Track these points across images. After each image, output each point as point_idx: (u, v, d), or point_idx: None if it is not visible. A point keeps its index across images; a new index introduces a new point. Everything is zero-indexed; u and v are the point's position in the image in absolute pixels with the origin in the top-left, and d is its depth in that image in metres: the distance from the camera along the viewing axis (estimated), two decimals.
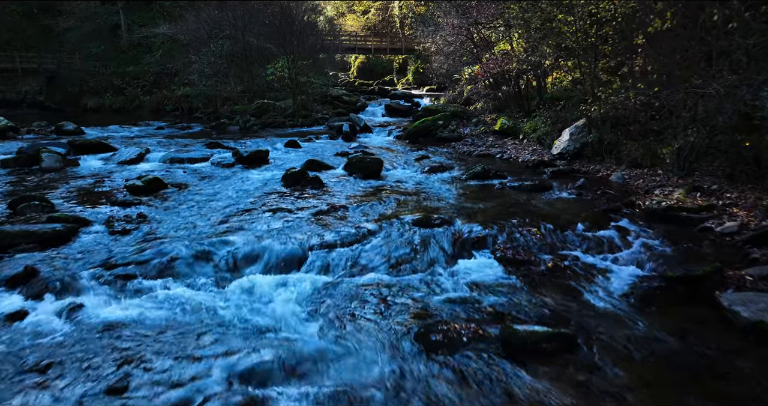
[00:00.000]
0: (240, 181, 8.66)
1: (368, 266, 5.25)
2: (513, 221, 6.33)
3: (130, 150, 10.74)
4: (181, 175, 9.20)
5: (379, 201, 7.35)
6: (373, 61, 34.83)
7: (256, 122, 15.97)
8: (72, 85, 23.14)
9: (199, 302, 4.36)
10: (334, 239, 5.74)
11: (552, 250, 5.65)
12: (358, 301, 4.43)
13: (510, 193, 7.92)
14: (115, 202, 7.07)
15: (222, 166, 9.93)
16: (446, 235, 5.95)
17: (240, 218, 6.49)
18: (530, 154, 10.54)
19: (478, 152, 11.30)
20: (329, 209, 6.91)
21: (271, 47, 19.39)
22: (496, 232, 5.99)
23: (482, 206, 7.23)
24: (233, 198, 7.54)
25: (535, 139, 11.30)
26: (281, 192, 7.95)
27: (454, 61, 19.70)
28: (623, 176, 8.37)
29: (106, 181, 8.53)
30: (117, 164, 10.11)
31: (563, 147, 9.82)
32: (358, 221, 6.39)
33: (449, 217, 6.46)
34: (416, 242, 5.79)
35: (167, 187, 8.11)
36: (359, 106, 19.46)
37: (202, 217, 6.59)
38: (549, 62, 9.56)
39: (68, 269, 4.87)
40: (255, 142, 12.68)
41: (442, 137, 13.14)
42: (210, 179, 8.85)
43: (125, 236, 5.88)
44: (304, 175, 8.44)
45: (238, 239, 5.62)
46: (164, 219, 6.48)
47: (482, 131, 13.69)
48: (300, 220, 6.42)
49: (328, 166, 9.81)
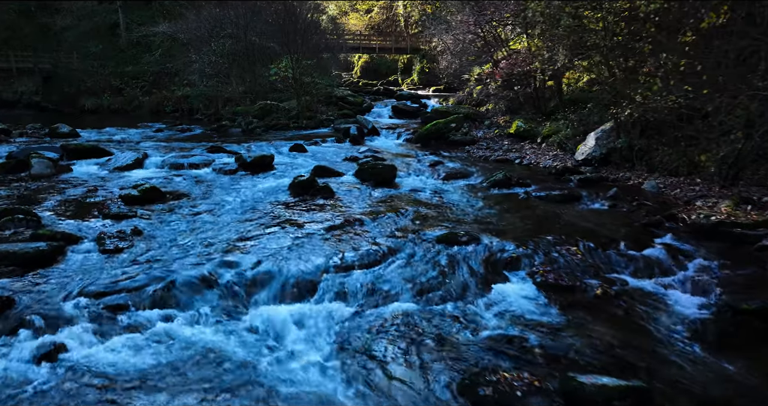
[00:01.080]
0: (244, 190, 8.04)
1: (391, 292, 4.64)
2: (547, 237, 5.72)
3: (127, 155, 10.12)
4: (180, 182, 8.58)
5: (396, 213, 6.73)
6: (377, 61, 34.17)
7: (258, 124, 15.34)
8: (69, 86, 22.50)
9: (200, 343, 3.74)
10: (351, 260, 5.13)
11: (596, 273, 5.04)
12: (385, 341, 3.81)
13: (537, 204, 7.30)
14: (108, 214, 6.45)
15: (224, 172, 9.31)
16: (475, 254, 5.34)
17: (245, 234, 5.87)
18: (552, 160, 9.92)
19: (496, 157, 10.68)
20: (343, 223, 6.28)
21: (274, 46, 18.76)
22: (531, 251, 5.37)
23: (509, 219, 6.61)
24: (237, 210, 6.92)
25: (556, 143, 10.67)
26: (289, 203, 7.33)
27: (463, 61, 19.10)
28: (658, 185, 7.75)
29: (99, 190, 7.91)
30: (112, 170, 9.49)
31: (588, 153, 9.20)
32: (375, 238, 5.77)
33: (476, 232, 5.85)
34: (443, 262, 5.18)
35: (165, 197, 7.49)
36: (365, 108, 18.82)
37: (203, 232, 5.98)
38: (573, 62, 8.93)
39: (50, 299, 4.26)
40: (258, 146, 12.06)
41: (455, 140, 12.52)
42: (211, 188, 8.23)
43: (118, 255, 5.26)
44: (313, 183, 7.82)
45: (244, 260, 5.01)
46: (161, 235, 5.86)
47: (496, 134, 13.06)
48: (312, 236, 5.80)
49: (338, 172, 9.19)
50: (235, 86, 18.60)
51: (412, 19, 32.20)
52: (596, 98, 11.19)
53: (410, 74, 30.97)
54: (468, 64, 19.72)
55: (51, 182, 8.38)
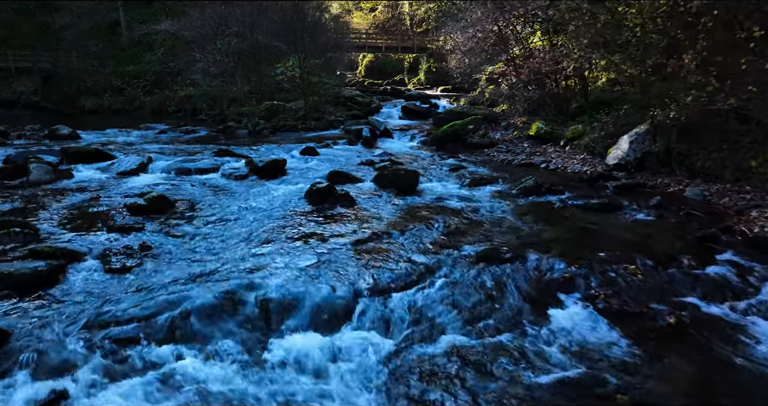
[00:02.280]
0: (257, 198, 7.50)
1: (437, 321, 4.10)
2: (598, 253, 5.19)
3: (131, 159, 9.58)
4: (188, 189, 8.04)
5: (425, 225, 6.20)
6: (382, 60, 33.60)
7: (266, 126, 14.80)
8: (69, 85, 21.94)
9: (221, 387, 3.21)
10: (386, 281, 4.60)
11: (662, 296, 4.50)
12: (439, 385, 3.28)
13: (576, 214, 6.76)
14: (112, 227, 5.91)
15: (234, 178, 8.77)
16: (522, 273, 4.81)
17: (264, 249, 5.34)
18: (580, 165, 9.38)
19: (519, 161, 10.13)
20: (370, 236, 5.75)
21: (281, 45, 18.22)
22: (585, 270, 4.84)
23: (550, 231, 6.07)
24: (252, 220, 6.38)
25: (582, 146, 10.13)
26: (307, 212, 6.80)
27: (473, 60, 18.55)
28: (702, 193, 7.22)
29: (103, 198, 7.37)
30: (116, 176, 8.95)
31: (622, 157, 8.67)
32: (409, 254, 5.24)
33: (518, 247, 5.33)
34: (488, 283, 4.65)
35: (174, 205, 6.95)
36: (373, 108, 18.29)
37: (218, 246, 5.44)
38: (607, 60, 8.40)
39: (50, 331, 3.72)
40: (268, 149, 11.52)
41: (473, 143, 11.98)
42: (222, 195, 7.70)
43: (125, 275, 4.72)
44: (331, 191, 7.28)
45: (266, 281, 4.48)
46: (172, 250, 5.33)
47: (515, 136, 12.52)
48: (338, 251, 5.27)
49: (355, 178, 8.65)
50: (240, 86, 18.07)
51: (417, 18, 31.68)
52: (622, 99, 10.68)
53: (417, 74, 30.42)
54: (479, 63, 19.19)
55: (50, 189, 7.84)
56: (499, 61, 16.98)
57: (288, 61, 17.19)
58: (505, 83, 17.37)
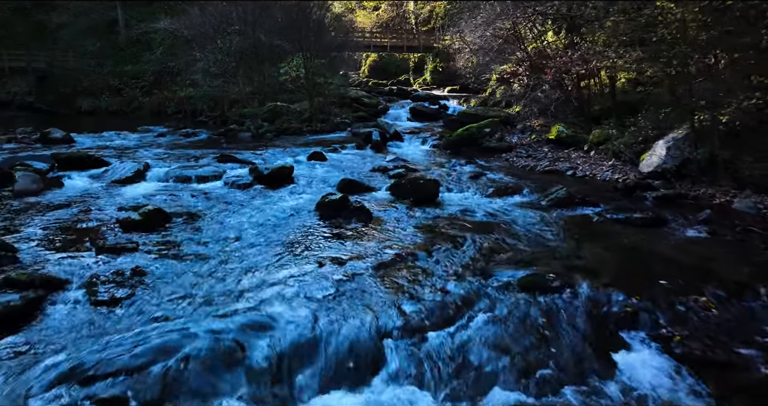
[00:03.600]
0: (263, 211, 6.83)
1: (484, 370, 3.43)
2: (658, 281, 4.52)
3: (126, 166, 8.90)
4: (188, 200, 7.36)
5: (452, 243, 5.53)
6: (386, 60, 32.89)
7: (269, 128, 14.12)
8: (64, 86, 21.26)
9: None
10: (418, 317, 3.94)
11: (748, 337, 3.82)
12: None
13: (617, 230, 6.09)
14: (102, 247, 5.24)
15: (238, 186, 8.10)
16: (575, 307, 4.14)
17: (273, 275, 4.67)
18: (611, 172, 8.71)
19: (543, 168, 9.46)
20: (393, 258, 5.08)
21: (284, 44, 17.55)
22: (646, 302, 4.17)
23: (595, 251, 5.40)
24: (258, 238, 5.71)
25: (610, 152, 9.45)
26: (320, 228, 6.13)
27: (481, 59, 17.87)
28: (755, 205, 6.55)
29: (93, 211, 6.69)
30: (109, 184, 8.28)
31: (657, 164, 7.99)
32: (440, 281, 4.57)
33: (563, 273, 4.65)
34: (537, 320, 3.98)
35: (171, 220, 6.28)
36: (380, 109, 17.62)
37: (220, 272, 4.77)
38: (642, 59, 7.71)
39: (20, 387, 3.05)
40: (273, 154, 10.85)
41: (490, 147, 11.31)
42: (225, 207, 7.02)
43: (113, 309, 4.06)
44: (345, 203, 6.61)
45: (276, 318, 3.81)
46: (168, 276, 4.65)
47: (534, 140, 11.85)
48: (358, 277, 4.60)
49: (369, 187, 7.99)
50: (242, 86, 17.38)
51: (422, 17, 31.01)
52: (648, 101, 10.01)
53: (422, 73, 29.73)
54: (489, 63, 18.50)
55: (37, 201, 7.17)
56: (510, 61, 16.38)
57: (292, 61, 16.52)
58: (518, 84, 16.75)
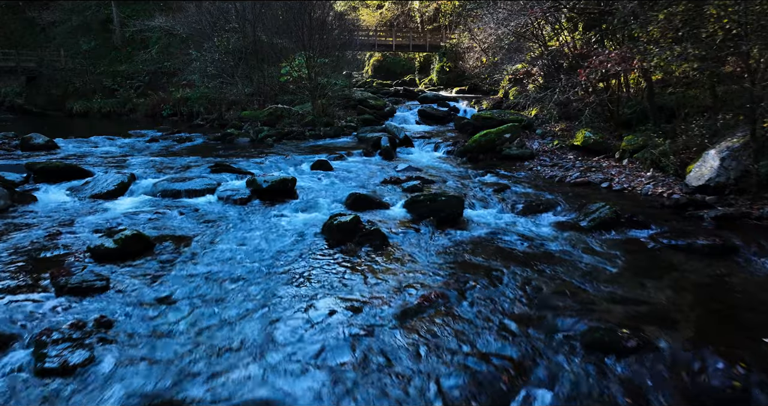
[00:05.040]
0: (261, 234, 5.88)
1: None
2: (758, 337, 3.57)
3: (110, 177, 7.96)
4: (175, 220, 6.42)
5: (488, 279, 4.59)
6: (391, 60, 31.93)
7: (269, 133, 13.17)
8: (56, 87, 20.35)
9: None
10: (462, 394, 3.00)
11: None
12: None
13: (681, 261, 5.15)
14: (64, 286, 4.30)
15: (233, 202, 7.17)
16: (663, 379, 3.21)
17: (273, 328, 3.73)
18: (652, 185, 7.75)
19: (573, 179, 8.50)
20: (420, 302, 4.14)
21: (285, 43, 16.63)
22: (761, 375, 3.21)
23: (664, 291, 4.45)
24: (255, 275, 4.77)
25: (648, 161, 8.49)
26: (327, 257, 5.19)
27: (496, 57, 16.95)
28: None
29: (63, 235, 5.75)
30: (89, 199, 7.34)
31: (709, 176, 7.04)
32: (482, 336, 3.64)
33: (633, 324, 3.72)
34: (618, 399, 3.03)
35: (153, 247, 5.34)
36: (387, 112, 16.66)
37: (206, 323, 3.83)
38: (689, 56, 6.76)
39: None
40: (273, 162, 9.91)
41: (511, 155, 10.35)
42: (217, 229, 6.08)
43: (64, 382, 3.12)
44: (356, 226, 5.67)
45: (281, 401, 2.88)
46: (141, 331, 3.71)
47: (557, 146, 10.88)
48: (380, 331, 3.67)
49: (382, 203, 7.05)
50: (241, 87, 16.46)
51: (428, 15, 30.05)
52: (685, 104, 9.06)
53: (428, 74, 28.75)
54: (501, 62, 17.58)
55: (1, 221, 6.23)
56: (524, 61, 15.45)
57: (293, 61, 15.59)
58: (532, 84, 15.81)
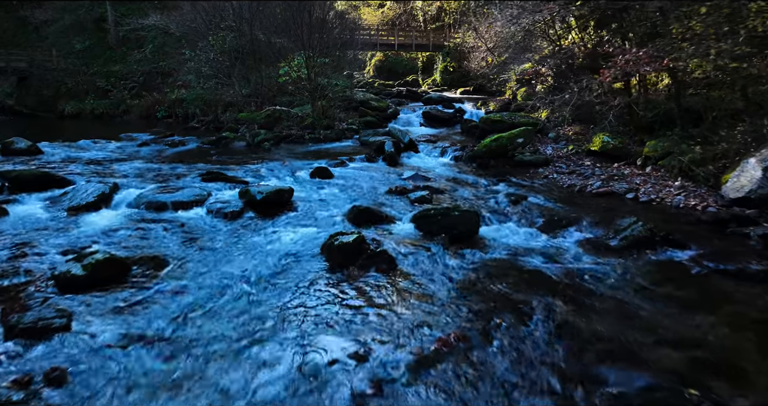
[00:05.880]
0: (253, 255, 5.22)
1: None
2: None
3: (90, 188, 7.30)
4: (158, 237, 5.77)
5: (515, 314, 3.94)
6: (393, 59, 31.26)
7: (267, 136, 12.51)
8: (47, 87, 19.70)
9: None
10: None
11: None
12: None
13: (733, 290, 4.49)
14: (15, 326, 3.64)
15: (224, 216, 6.50)
16: None
17: (259, 388, 3.08)
18: (683, 195, 7.09)
19: (595, 189, 7.83)
20: (438, 348, 3.49)
21: (283, 42, 15.99)
22: None
23: (722, 330, 3.80)
24: (243, 307, 4.11)
25: (675, 169, 7.84)
26: (326, 285, 4.54)
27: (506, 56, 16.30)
28: None
29: (29, 257, 5.10)
30: (65, 212, 6.68)
31: (750, 188, 6.38)
32: (514, 395, 2.98)
33: (700, 379, 3.07)
34: None
35: (129, 272, 4.69)
36: (390, 114, 16.00)
37: (182, 372, 3.18)
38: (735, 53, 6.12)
39: None
40: (269, 169, 9.25)
41: (524, 161, 9.69)
42: (204, 249, 5.42)
43: None
44: (359, 247, 5.02)
45: None
46: (100, 388, 3.06)
47: (572, 152, 10.23)
48: (390, 389, 3.01)
49: (386, 217, 6.39)
50: (238, 88, 15.81)
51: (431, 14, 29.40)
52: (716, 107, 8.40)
53: (431, 74, 28.09)
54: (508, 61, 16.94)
55: None
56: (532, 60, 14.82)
57: (292, 60, 14.94)
58: (541, 85, 15.17)
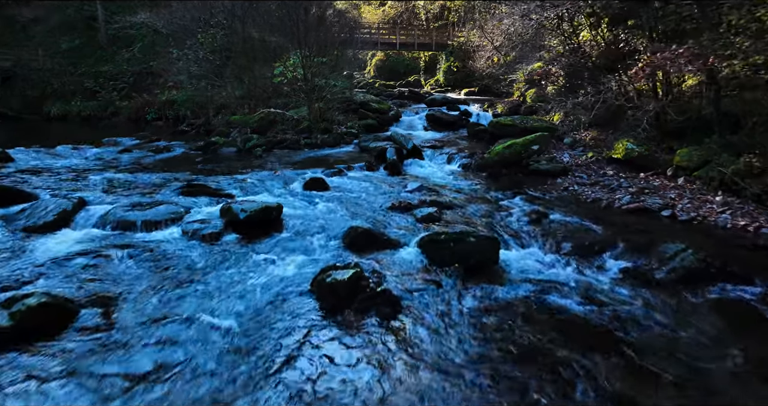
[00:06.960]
0: (230, 293, 4.33)
1: None
2: None
3: (51, 203, 6.41)
4: (119, 268, 4.87)
5: (552, 375, 3.08)
6: (394, 59, 30.35)
7: (259, 142, 11.63)
8: (32, 88, 18.83)
9: None
10: None
11: None
12: None
13: None
14: None
15: (201, 238, 5.61)
16: None
17: None
18: (729, 214, 6.20)
19: (624, 204, 6.92)
20: None
21: (278, 40, 15.11)
22: None
23: None
24: (210, 369, 3.23)
25: (715, 181, 6.95)
26: (315, 336, 3.65)
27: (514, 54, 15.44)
28: None
29: None
30: (21, 233, 5.80)
31: None
32: None
33: None
34: None
35: (74, 318, 3.81)
36: (392, 116, 15.11)
37: None
38: None
39: None
40: (259, 180, 8.36)
41: (539, 170, 8.80)
42: (173, 283, 4.54)
43: None
44: (356, 286, 4.15)
45: None
46: None
47: (591, 159, 9.34)
48: None
49: (389, 241, 5.50)
50: (230, 90, 14.91)
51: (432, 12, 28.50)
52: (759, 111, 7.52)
53: (434, 74, 27.17)
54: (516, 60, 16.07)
55: None
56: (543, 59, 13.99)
57: (288, 60, 14.05)
58: (551, 86, 14.32)
